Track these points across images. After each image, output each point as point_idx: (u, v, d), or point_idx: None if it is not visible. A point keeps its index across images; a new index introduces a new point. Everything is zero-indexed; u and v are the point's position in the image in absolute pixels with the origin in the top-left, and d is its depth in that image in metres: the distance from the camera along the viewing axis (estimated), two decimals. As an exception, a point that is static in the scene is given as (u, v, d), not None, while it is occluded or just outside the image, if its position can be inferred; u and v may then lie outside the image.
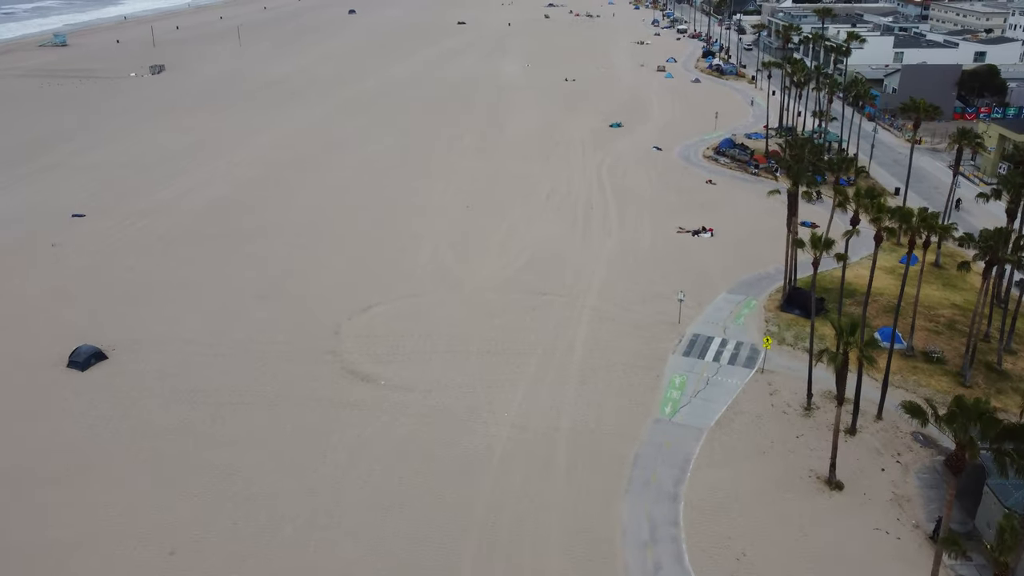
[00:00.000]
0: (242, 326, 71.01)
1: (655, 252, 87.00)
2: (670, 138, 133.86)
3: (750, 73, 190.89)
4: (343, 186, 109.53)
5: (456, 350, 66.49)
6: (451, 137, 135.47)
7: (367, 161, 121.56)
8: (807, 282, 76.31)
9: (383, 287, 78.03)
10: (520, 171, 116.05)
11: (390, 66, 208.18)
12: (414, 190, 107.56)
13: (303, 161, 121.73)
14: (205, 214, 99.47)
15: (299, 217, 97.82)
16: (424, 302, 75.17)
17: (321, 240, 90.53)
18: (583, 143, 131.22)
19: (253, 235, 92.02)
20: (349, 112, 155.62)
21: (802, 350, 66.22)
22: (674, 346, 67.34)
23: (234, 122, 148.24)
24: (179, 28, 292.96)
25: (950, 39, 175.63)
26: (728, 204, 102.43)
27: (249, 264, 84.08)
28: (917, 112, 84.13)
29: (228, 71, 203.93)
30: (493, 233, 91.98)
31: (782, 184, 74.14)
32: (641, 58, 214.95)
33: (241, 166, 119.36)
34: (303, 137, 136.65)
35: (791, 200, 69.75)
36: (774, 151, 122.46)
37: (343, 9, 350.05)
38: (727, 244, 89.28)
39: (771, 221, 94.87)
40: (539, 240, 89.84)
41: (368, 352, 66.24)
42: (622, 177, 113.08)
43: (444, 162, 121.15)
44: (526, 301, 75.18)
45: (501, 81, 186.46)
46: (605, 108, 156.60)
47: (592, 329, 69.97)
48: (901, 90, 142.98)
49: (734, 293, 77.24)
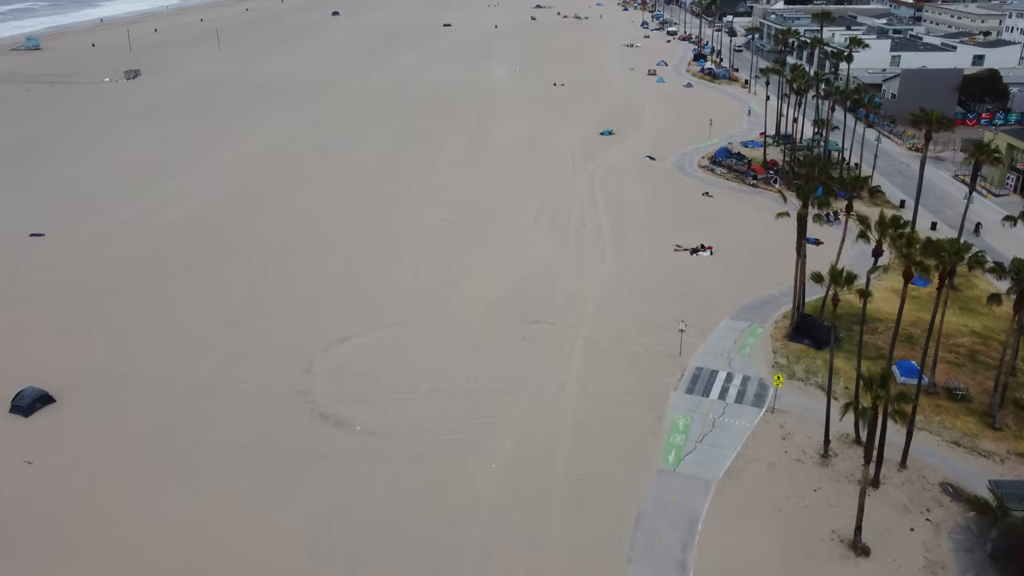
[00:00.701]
0: (207, 361, 65.24)
1: (652, 273, 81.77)
2: (664, 146, 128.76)
3: (743, 77, 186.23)
4: (321, 201, 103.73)
5: (440, 388, 60.98)
6: (436, 146, 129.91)
7: (347, 173, 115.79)
8: (816, 307, 71.41)
9: (361, 314, 72.43)
10: (508, 184, 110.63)
11: (373, 70, 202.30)
12: (396, 205, 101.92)
13: (280, 173, 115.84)
14: (174, 232, 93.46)
15: (273, 236, 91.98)
16: (405, 332, 69.61)
17: (296, 261, 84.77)
18: (573, 153, 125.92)
19: (224, 255, 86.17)
20: (330, 120, 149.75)
21: (815, 386, 61.14)
22: (676, 382, 62.07)
23: (209, 131, 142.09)
24: (157, 31, 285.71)
25: (947, 42, 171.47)
26: (727, 218, 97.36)
27: (218, 288, 78.26)
28: (929, 123, 79.19)
29: (206, 76, 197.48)
30: (480, 252, 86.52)
31: (791, 205, 68.79)
32: (631, 61, 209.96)
33: (215, 179, 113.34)
34: (281, 147, 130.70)
35: (800, 223, 64.61)
36: (772, 161, 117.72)
37: (326, 11, 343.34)
38: (727, 263, 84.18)
39: (772, 237, 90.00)
40: (529, 260, 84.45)
41: (343, 392, 60.64)
42: (615, 190, 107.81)
43: (428, 174, 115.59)
44: (515, 330, 69.75)
45: (488, 86, 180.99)
46: (596, 114, 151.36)
47: (587, 362, 64.64)
48: (901, 95, 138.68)
49: (737, 319, 72.09)
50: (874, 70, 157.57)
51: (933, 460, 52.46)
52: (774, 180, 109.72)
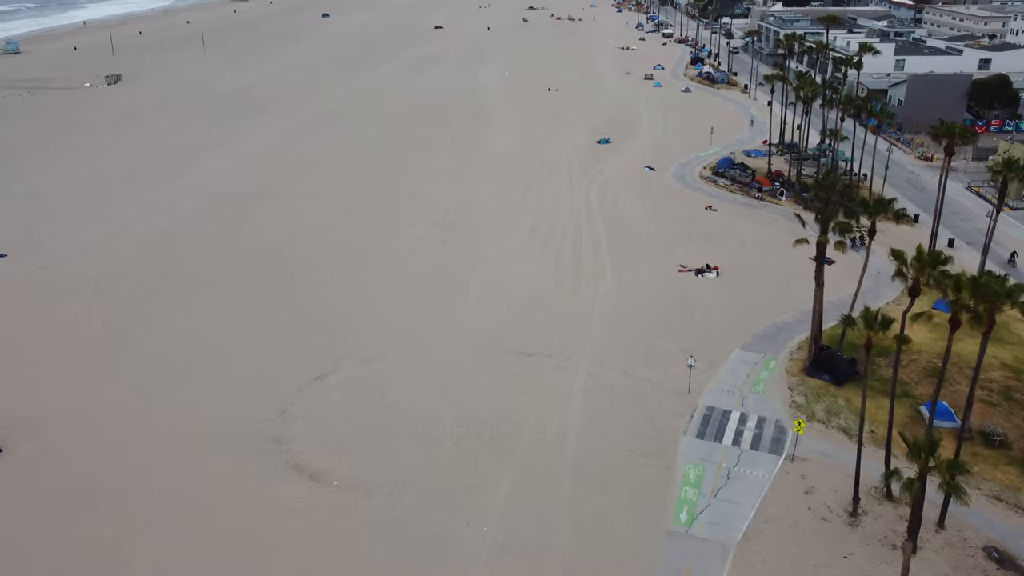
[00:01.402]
0: (171, 401, 59.58)
1: (656, 297, 76.37)
2: (663, 156, 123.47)
3: (742, 81, 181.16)
4: (300, 219, 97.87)
5: (426, 435, 55.47)
6: (425, 156, 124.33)
7: (330, 187, 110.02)
8: (833, 336, 66.23)
9: (342, 347, 66.80)
10: (501, 197, 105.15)
11: (362, 74, 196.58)
12: (382, 222, 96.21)
13: (259, 187, 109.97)
14: (146, 252, 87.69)
15: (249, 255, 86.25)
16: (389, 367, 64.03)
17: (273, 284, 79.08)
18: (569, 163, 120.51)
19: (197, 278, 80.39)
20: (315, 127, 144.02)
21: (837, 429, 55.86)
22: (685, 424, 56.70)
23: (189, 140, 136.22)
24: (142, 33, 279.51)
25: (952, 45, 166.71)
26: (732, 235, 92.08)
27: (188, 315, 72.53)
28: (950, 136, 74.04)
29: (190, 80, 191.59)
30: (471, 275, 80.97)
31: (809, 231, 63.41)
32: (627, 64, 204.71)
33: (192, 193, 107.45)
34: (262, 158, 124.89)
35: (819, 251, 59.27)
36: (777, 172, 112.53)
37: (316, 13, 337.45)
38: (735, 285, 78.86)
39: (781, 255, 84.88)
40: (523, 283, 78.95)
41: (320, 439, 55.06)
42: (613, 204, 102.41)
43: (417, 186, 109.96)
44: (509, 364, 64.26)
45: (480, 91, 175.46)
46: (591, 121, 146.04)
47: (588, 402, 59.21)
48: (908, 102, 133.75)
49: (749, 350, 66.75)
50: (879, 75, 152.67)
51: (974, 519, 47.19)
52: (780, 193, 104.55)
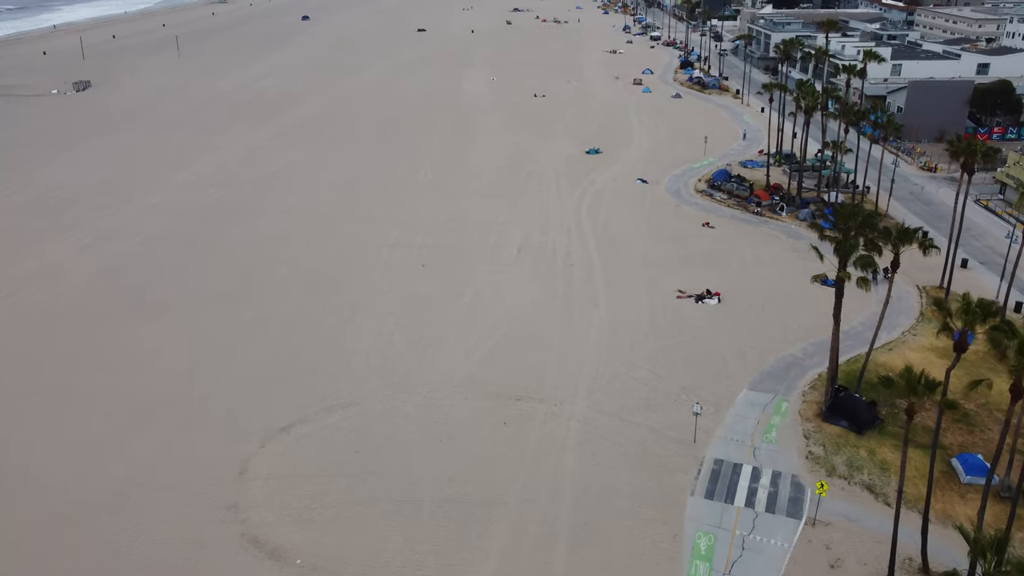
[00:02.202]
0: (116, 463, 53.14)
1: (654, 327, 70.60)
2: (656, 167, 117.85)
3: (734, 86, 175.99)
4: (274, 238, 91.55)
5: (403, 499, 49.43)
6: (407, 168, 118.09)
7: (306, 203, 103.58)
8: (850, 373, 60.71)
9: (311, 391, 60.58)
10: (486, 213, 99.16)
11: (342, 80, 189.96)
12: (359, 242, 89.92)
13: (230, 204, 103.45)
14: (100, 280, 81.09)
15: (216, 281, 79.82)
16: (363, 415, 57.88)
17: (239, 315, 72.69)
18: (558, 175, 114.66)
19: (154, 311, 73.80)
20: (292, 138, 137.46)
21: (860, 486, 50.23)
22: (692, 481, 50.95)
23: (157, 151, 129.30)
24: (115, 37, 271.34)
25: (949, 49, 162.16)
26: (732, 254, 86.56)
27: (141, 356, 65.99)
28: (970, 155, 68.73)
29: (162, 87, 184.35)
30: (454, 304, 74.88)
31: (827, 264, 57.68)
32: (615, 69, 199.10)
33: (155, 212, 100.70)
34: (235, 171, 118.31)
35: (838, 287, 53.59)
36: (776, 185, 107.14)
37: (296, 15, 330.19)
38: (738, 313, 73.25)
39: (785, 278, 79.68)
40: (511, 314, 72.94)
41: (283, 505, 48.89)
42: (606, 220, 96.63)
43: (398, 202, 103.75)
44: (496, 410, 58.29)
45: (464, 98, 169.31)
46: (580, 130, 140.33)
47: (583, 456, 53.32)
48: (908, 109, 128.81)
49: (758, 390, 61.09)
50: (875, 80, 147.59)
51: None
52: (780, 207, 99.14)
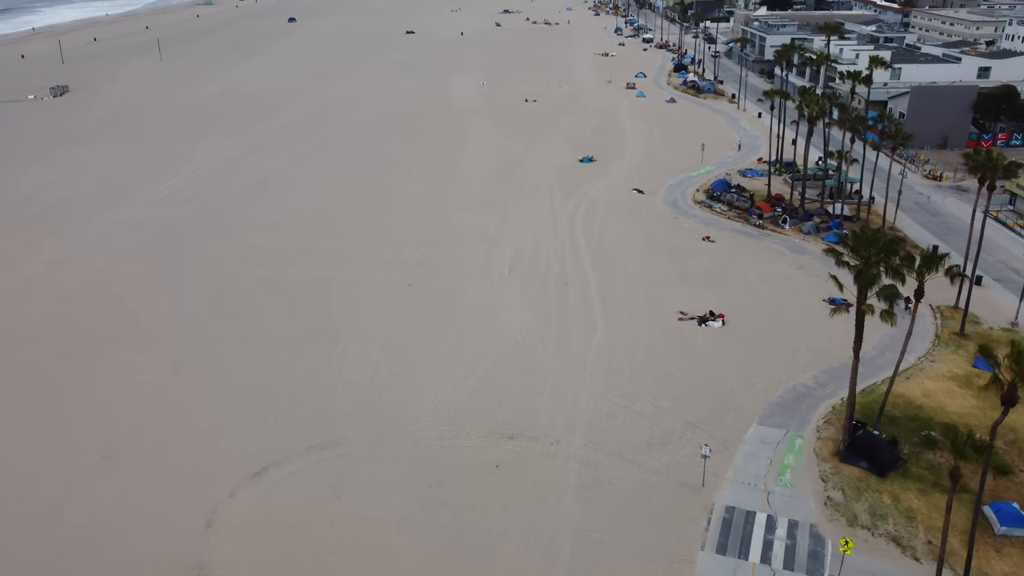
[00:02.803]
0: (67, 514, 48.51)
1: (655, 354, 66.36)
2: (652, 177, 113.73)
3: (729, 90, 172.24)
4: (250, 255, 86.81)
5: (384, 544, 45.01)
6: (394, 178, 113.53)
7: (286, 216, 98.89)
8: (865, 405, 56.65)
9: (288, 429, 56.05)
10: (476, 226, 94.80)
11: (328, 84, 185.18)
12: (342, 260, 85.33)
13: (207, 217, 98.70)
14: (62, 305, 76.10)
15: (188, 306, 75.06)
16: (344, 456, 53.41)
17: (211, 344, 67.99)
18: (550, 186, 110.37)
19: (116, 341, 68.76)
20: (274, 144, 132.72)
21: (885, 538, 46.07)
22: (703, 533, 46.71)
23: (133, 161, 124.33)
24: (97, 40, 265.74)
25: (949, 52, 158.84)
26: (734, 271, 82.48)
27: (99, 396, 61.07)
28: (993, 169, 64.81)
29: (142, 92, 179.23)
30: (442, 328, 70.43)
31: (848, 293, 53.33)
32: (607, 72, 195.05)
33: (125, 228, 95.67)
34: (214, 181, 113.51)
35: (859, 319, 49.41)
36: (778, 195, 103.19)
37: (283, 17, 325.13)
38: (744, 337, 69.10)
39: (791, 297, 75.77)
40: (502, 339, 68.57)
41: (253, 563, 44.37)
42: (601, 234, 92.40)
43: (383, 215, 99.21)
44: (487, 450, 53.92)
45: (453, 103, 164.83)
46: (573, 136, 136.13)
47: (583, 503, 49.00)
48: (911, 115, 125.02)
49: (768, 424, 56.94)
50: (875, 85, 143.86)
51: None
52: (783, 220, 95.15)
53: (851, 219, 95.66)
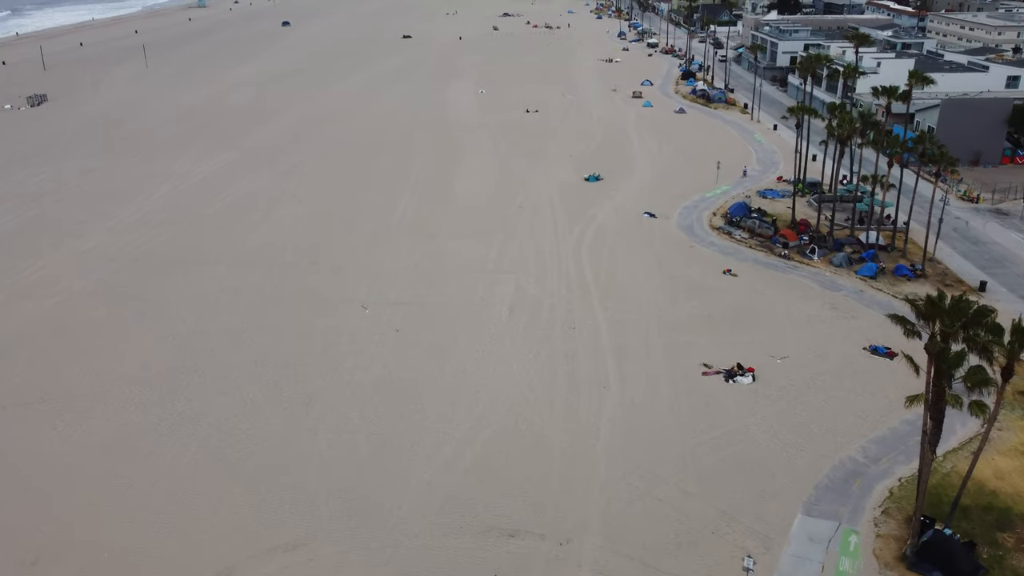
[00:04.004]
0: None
1: (678, 418, 57.64)
2: (663, 198, 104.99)
3: (741, 99, 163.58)
4: (221, 292, 77.72)
5: None
6: (384, 202, 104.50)
7: (264, 246, 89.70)
8: (932, 491, 47.88)
9: (245, 527, 47.13)
10: (472, 257, 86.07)
11: (318, 93, 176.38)
12: (322, 301, 76.23)
13: (175, 248, 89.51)
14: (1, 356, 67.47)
15: (143, 358, 65.89)
16: (311, 561, 44.54)
17: (164, 410, 59.03)
18: (553, 207, 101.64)
19: (54, 404, 59.64)
20: (257, 162, 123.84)
21: None
22: (748, 674, 38.02)
23: (102, 180, 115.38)
24: (83, 45, 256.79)
25: (975, 60, 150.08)
26: (762, 312, 73.78)
27: (34, 473, 52.34)
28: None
29: (124, 101, 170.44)
30: (432, 388, 61.51)
31: (915, 372, 44.07)
32: (612, 80, 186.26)
33: (85, 259, 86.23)
34: (186, 204, 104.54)
35: (937, 413, 40.41)
36: (803, 221, 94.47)
37: (277, 20, 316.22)
38: (778, 396, 60.39)
39: (827, 344, 67.65)
40: (501, 401, 59.74)
41: None
42: (610, 267, 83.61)
43: (369, 245, 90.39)
44: (484, 553, 45.13)
45: (450, 114, 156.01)
46: (577, 151, 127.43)
47: (599, 629, 40.35)
48: (941, 129, 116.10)
49: (816, 515, 48.19)
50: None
51: None
52: (811, 250, 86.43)
53: (886, 249, 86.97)
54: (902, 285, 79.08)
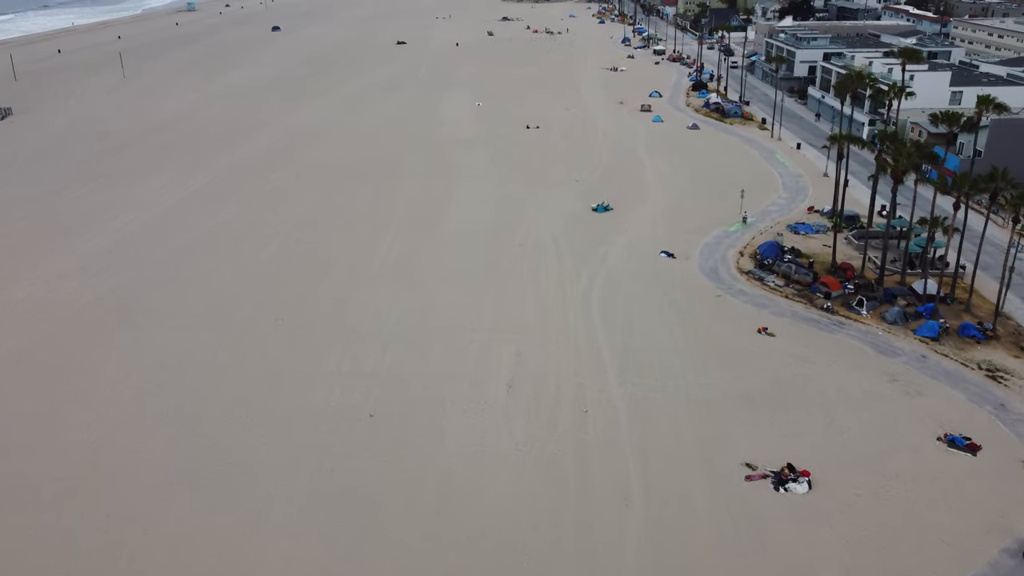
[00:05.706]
0: None
1: (721, 544, 45.49)
2: (681, 233, 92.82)
3: (758, 114, 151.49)
4: (162, 369, 64.76)
5: None
6: (364, 242, 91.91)
7: (223, 302, 76.81)
8: None
9: None
10: (465, 314, 73.74)
11: (303, 106, 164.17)
12: (284, 375, 63.54)
13: (121, 300, 77.05)
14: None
15: (55, 467, 53.46)
16: None
17: (112, 496, 47.08)
18: (558, 247, 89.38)
19: None
20: (223, 188, 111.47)
21: None
22: None
23: (51, 211, 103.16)
24: (61, 52, 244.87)
25: (1014, 72, 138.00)
26: (807, 386, 61.60)
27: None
28: None
29: (93, 116, 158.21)
30: (412, 503, 49.15)
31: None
32: (618, 91, 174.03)
33: (14, 315, 74.15)
34: (141, 242, 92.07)
35: None
36: (846, 265, 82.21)
37: (267, 25, 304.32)
38: (840, 511, 48.26)
39: (892, 432, 56.09)
40: (498, 522, 47.47)
41: None
42: (626, 325, 71.24)
43: (344, 298, 77.80)
44: None
45: (444, 131, 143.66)
46: (582, 175, 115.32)
47: None
48: (990, 153, 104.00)
49: None
50: (930, 110, 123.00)
51: None
52: (858, 302, 74.19)
53: (946, 301, 74.76)
54: (971, 350, 66.98)
